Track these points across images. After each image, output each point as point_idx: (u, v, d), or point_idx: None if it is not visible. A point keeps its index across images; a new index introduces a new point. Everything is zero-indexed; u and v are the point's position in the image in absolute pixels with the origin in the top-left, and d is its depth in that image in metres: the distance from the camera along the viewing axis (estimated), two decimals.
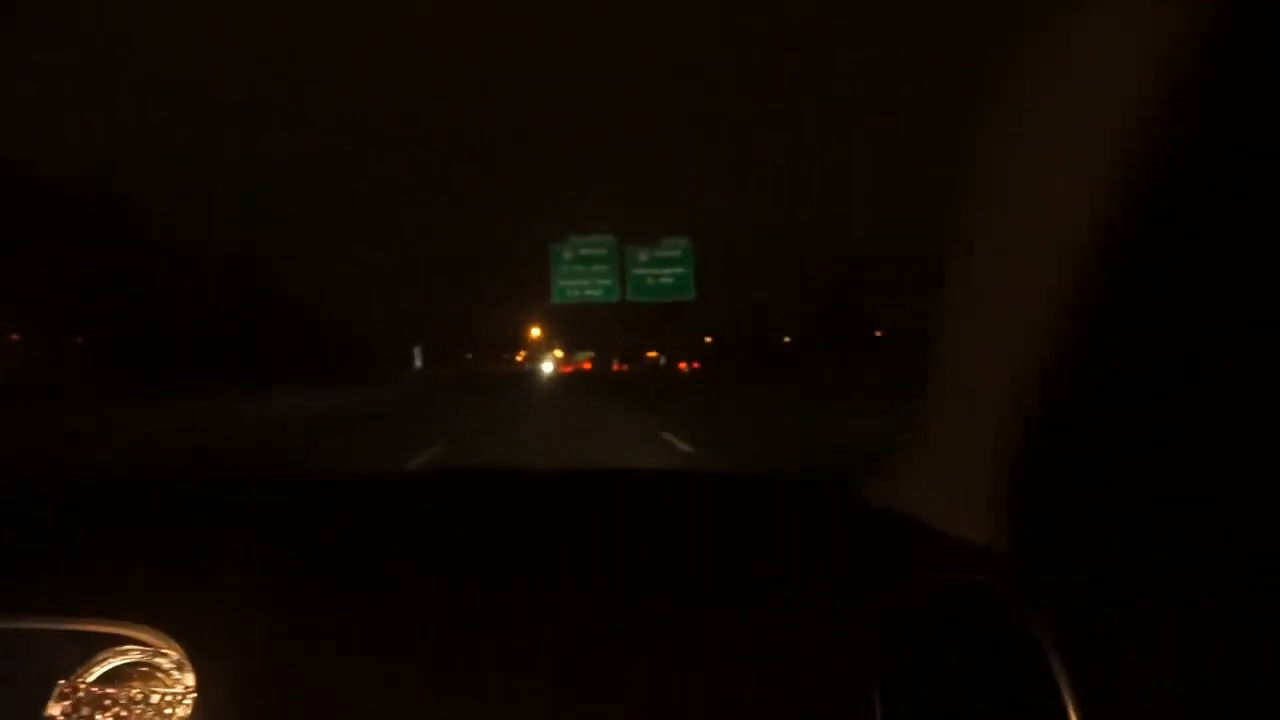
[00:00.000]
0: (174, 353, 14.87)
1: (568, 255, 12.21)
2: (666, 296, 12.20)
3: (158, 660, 0.90)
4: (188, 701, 0.87)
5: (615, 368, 44.82)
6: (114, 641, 0.91)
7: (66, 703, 0.86)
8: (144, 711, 0.86)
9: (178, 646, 0.89)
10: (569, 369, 41.81)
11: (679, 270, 12.02)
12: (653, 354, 41.35)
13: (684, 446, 6.93)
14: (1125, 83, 0.59)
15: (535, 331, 35.03)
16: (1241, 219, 0.60)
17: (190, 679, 0.88)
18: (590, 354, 46.23)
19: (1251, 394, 0.64)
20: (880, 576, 0.93)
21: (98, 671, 0.89)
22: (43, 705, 0.86)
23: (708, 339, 32.56)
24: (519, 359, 43.39)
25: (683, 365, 34.98)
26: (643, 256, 11.99)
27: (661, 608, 0.94)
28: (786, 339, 28.77)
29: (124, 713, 0.87)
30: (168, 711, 0.87)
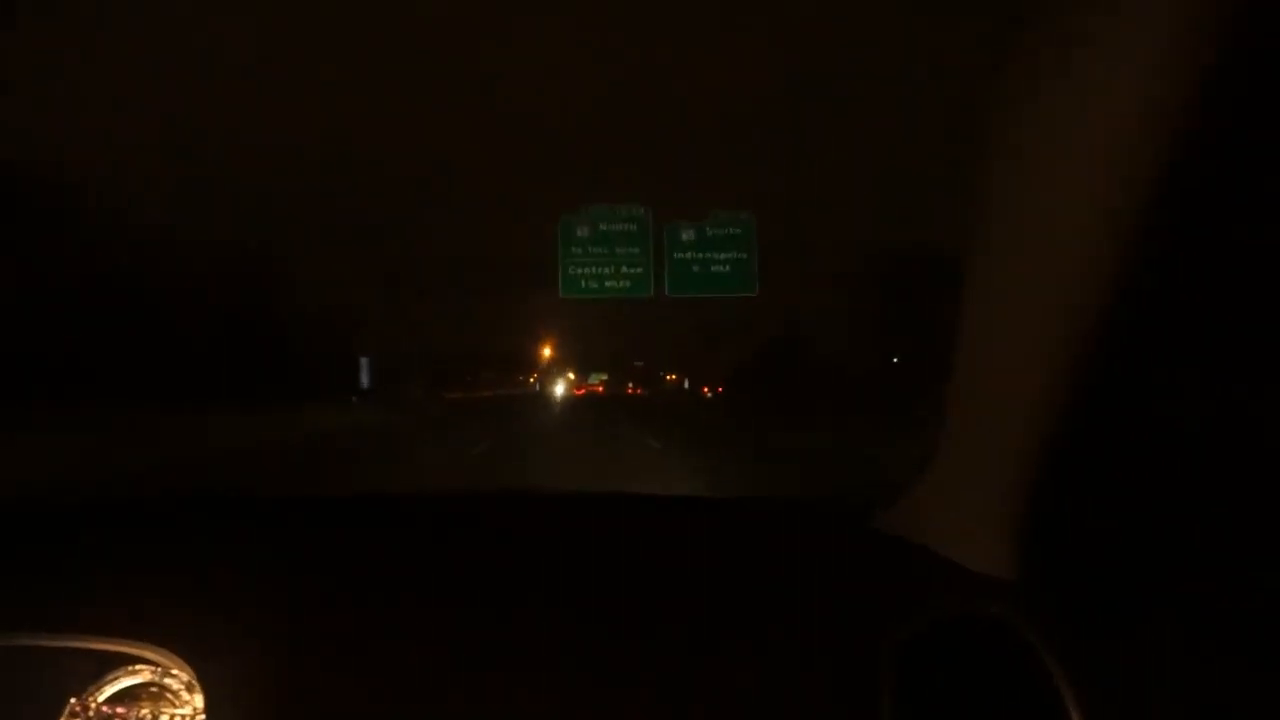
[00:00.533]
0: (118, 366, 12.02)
1: (582, 232, 8.05)
2: (722, 291, 8.14)
3: (168, 681, 0.93)
4: None
5: (630, 390, 42.93)
6: (125, 661, 0.93)
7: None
8: None
9: (188, 667, 0.91)
10: (582, 391, 40.14)
11: (738, 255, 7.99)
12: (672, 377, 39.21)
13: None
14: (1142, 88, 0.59)
15: (547, 351, 32.85)
16: (1261, 225, 0.62)
17: (199, 700, 0.90)
18: (604, 376, 44.31)
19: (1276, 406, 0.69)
20: (889, 605, 0.93)
21: (109, 690, 0.93)
22: None
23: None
24: (532, 380, 41.82)
25: (705, 389, 32.66)
26: (687, 236, 7.98)
27: (661, 631, 0.94)
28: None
29: None
30: None
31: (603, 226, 8.27)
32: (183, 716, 0.91)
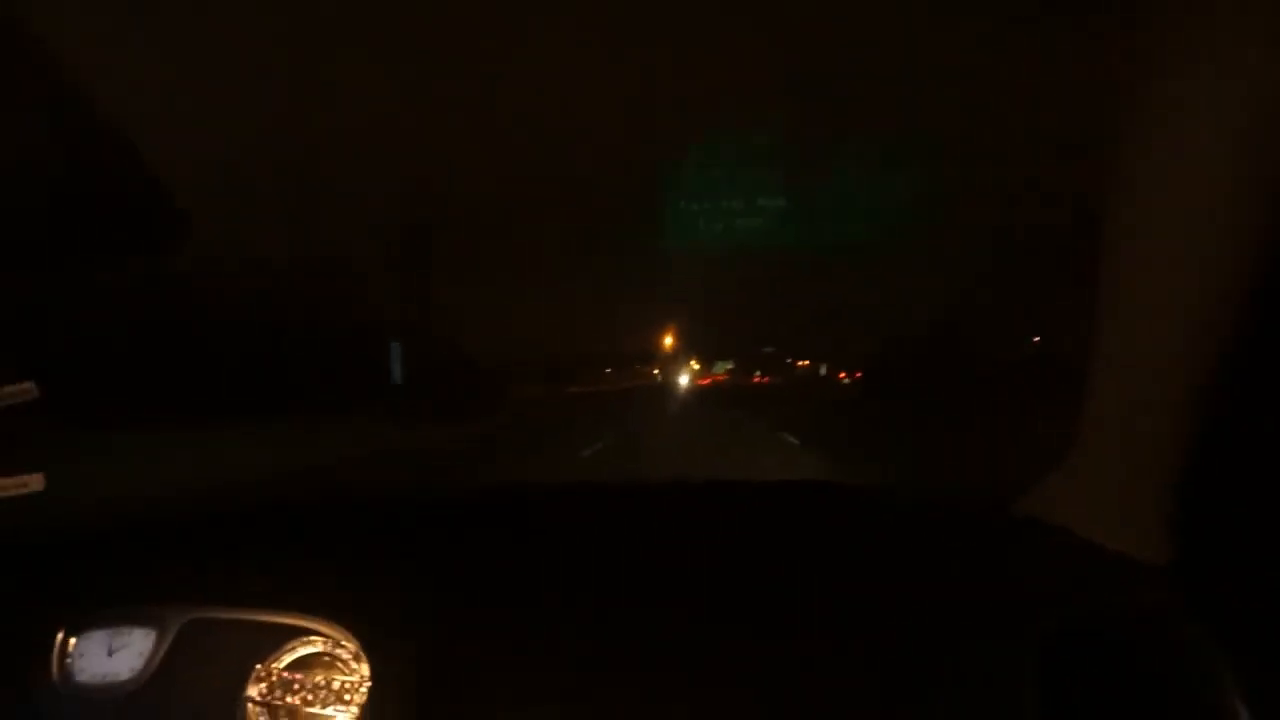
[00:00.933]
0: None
1: (695, 160, 5.18)
2: (875, 234, 5.41)
3: (338, 651, 1.04)
4: (364, 689, 0.99)
5: (755, 379, 41.14)
6: (301, 633, 1.05)
7: (262, 685, 1.03)
8: (326, 696, 1.01)
9: (355, 639, 1.02)
10: (707, 381, 38.88)
11: (908, 185, 5.28)
12: (803, 363, 36.97)
13: None
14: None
15: (668, 341, 31.69)
16: None
17: (366, 669, 1.00)
18: (729, 365, 42.55)
19: None
20: (1041, 593, 0.90)
21: (287, 659, 1.05)
22: (241, 685, 1.03)
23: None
24: (654, 372, 40.97)
25: (842, 375, 30.28)
26: (846, 155, 5.17)
27: (803, 620, 0.94)
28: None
29: (310, 696, 1.01)
30: (346, 697, 1.01)
31: (723, 149, 5.36)
32: (351, 683, 1.01)
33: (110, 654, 1.11)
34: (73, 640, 1.13)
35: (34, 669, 1.11)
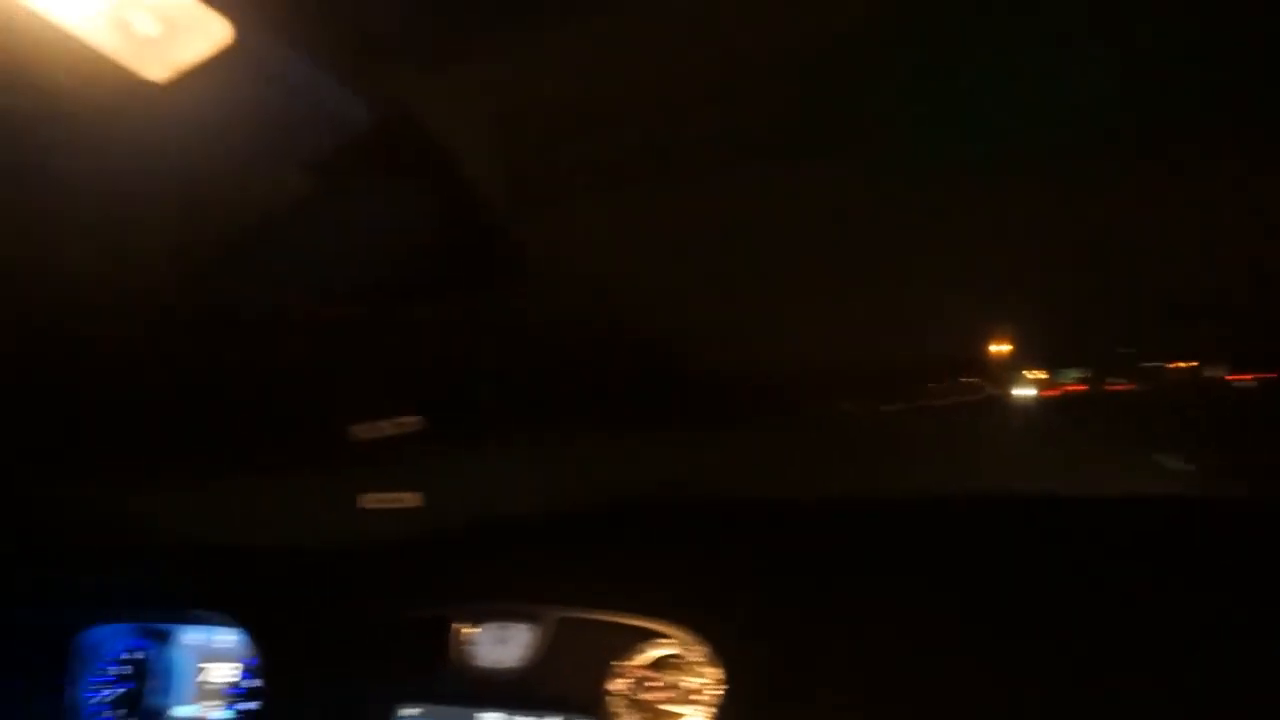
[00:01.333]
0: None
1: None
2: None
3: (689, 654, 1.13)
4: (713, 691, 1.07)
5: (1112, 388, 34.52)
6: (655, 635, 1.16)
7: (621, 680, 1.16)
8: (677, 695, 1.13)
9: (706, 644, 1.10)
10: (1055, 392, 33.51)
11: None
12: (1180, 364, 30.40)
13: None
14: None
15: (999, 346, 28.15)
16: None
17: (716, 673, 1.08)
18: (1080, 372, 36.42)
19: None
20: None
21: (642, 658, 1.17)
22: (603, 679, 1.18)
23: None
24: (986, 383, 36.62)
25: (1240, 377, 24.10)
26: None
27: (1207, 649, 0.89)
28: None
29: (665, 694, 1.13)
30: (694, 698, 1.11)
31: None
32: (701, 684, 1.11)
33: (499, 643, 1.33)
34: (471, 629, 1.37)
35: (437, 652, 1.34)
